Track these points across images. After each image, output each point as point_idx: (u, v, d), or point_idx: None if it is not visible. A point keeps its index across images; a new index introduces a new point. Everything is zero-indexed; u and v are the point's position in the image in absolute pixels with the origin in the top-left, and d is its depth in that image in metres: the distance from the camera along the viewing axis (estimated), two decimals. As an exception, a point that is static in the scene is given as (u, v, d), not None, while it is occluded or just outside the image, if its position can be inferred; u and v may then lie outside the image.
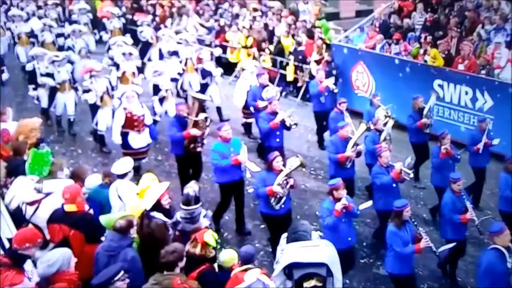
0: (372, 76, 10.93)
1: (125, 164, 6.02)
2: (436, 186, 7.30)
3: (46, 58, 9.50)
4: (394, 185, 6.46)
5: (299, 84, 11.86)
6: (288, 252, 4.64)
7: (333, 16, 16.65)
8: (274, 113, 7.62)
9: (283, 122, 7.59)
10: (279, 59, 12.16)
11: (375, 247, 6.90)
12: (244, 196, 7.11)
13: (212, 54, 10.99)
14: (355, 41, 11.87)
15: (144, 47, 12.51)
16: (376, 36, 11.37)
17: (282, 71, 12.14)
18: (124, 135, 7.86)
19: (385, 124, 7.69)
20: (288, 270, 4.50)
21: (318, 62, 11.58)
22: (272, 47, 12.59)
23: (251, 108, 9.23)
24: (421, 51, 10.53)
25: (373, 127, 7.50)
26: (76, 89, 9.55)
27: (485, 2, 11.28)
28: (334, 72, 11.01)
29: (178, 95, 10.67)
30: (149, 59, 11.83)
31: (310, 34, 12.54)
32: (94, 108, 9.02)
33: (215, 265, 4.90)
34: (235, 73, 12.82)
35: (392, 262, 5.54)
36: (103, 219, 5.06)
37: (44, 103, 9.70)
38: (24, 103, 10.71)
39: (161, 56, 11.09)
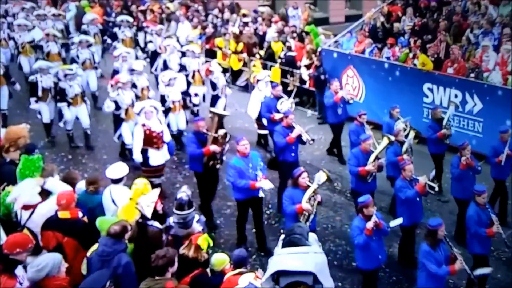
0: (362, 80, 11.01)
1: (120, 169, 5.99)
2: (456, 198, 7.16)
3: (60, 72, 9.19)
4: (417, 198, 6.32)
5: (289, 89, 11.90)
6: (276, 258, 4.63)
7: (323, 21, 16.82)
8: (290, 127, 7.43)
9: (299, 136, 7.41)
10: (269, 63, 12.21)
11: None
12: (262, 212, 6.92)
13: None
14: (344, 46, 11.97)
15: (152, 57, 12.08)
16: (365, 40, 11.48)
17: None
18: (143, 153, 7.55)
19: (406, 136, 7.56)
20: (276, 276, 4.50)
21: (308, 67, 11.66)
22: (262, 52, 12.64)
23: (264, 120, 9.05)
24: (411, 55, 10.64)
25: (387, 138, 7.30)
26: (85, 101, 9.39)
27: (471, 7, 11.45)
28: (322, 77, 11.10)
29: (184, 107, 10.13)
30: (156, 70, 11.31)
31: (300, 39, 12.62)
32: (116, 121, 8.79)
33: (208, 269, 4.89)
34: (239, 82, 12.72)
35: (424, 281, 5.34)
36: (100, 221, 5.02)
37: (46, 118, 9.39)
38: (25, 114, 10.27)
39: (165, 67, 10.67)
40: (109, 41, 13.00)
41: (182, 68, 10.49)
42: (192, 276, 4.68)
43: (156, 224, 5.14)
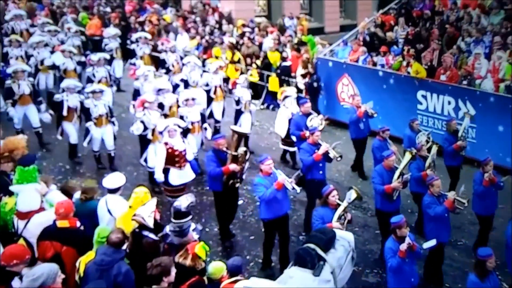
0: (357, 88, 11.03)
1: (117, 179, 5.94)
2: (478, 214, 6.94)
3: (88, 91, 8.97)
4: (446, 215, 6.13)
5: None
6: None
7: (318, 31, 16.91)
8: (316, 144, 7.17)
9: (326, 154, 7.13)
10: (266, 73, 12.25)
11: (364, 255, 6.87)
12: (289, 232, 6.66)
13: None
14: (339, 55, 12.02)
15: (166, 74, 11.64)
16: (359, 49, 11.53)
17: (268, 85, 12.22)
18: (165, 172, 7.32)
19: (429, 150, 7.31)
20: None
21: (304, 76, 11.70)
22: (259, 62, 12.69)
23: (294, 138, 8.77)
24: (404, 63, 10.68)
25: (410, 153, 6.96)
26: (113, 123, 8.94)
27: (465, 17, 11.51)
28: (315, 84, 11.12)
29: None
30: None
31: (296, 49, 12.68)
32: (143, 142, 8.38)
33: (205, 277, 4.85)
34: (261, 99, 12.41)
35: None
36: (100, 230, 4.98)
37: (73, 139, 9.06)
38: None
39: (185, 85, 10.34)
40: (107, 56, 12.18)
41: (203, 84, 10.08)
42: (189, 284, 4.64)
43: (152, 235, 5.09)
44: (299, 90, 11.72)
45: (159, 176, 7.31)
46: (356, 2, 19.81)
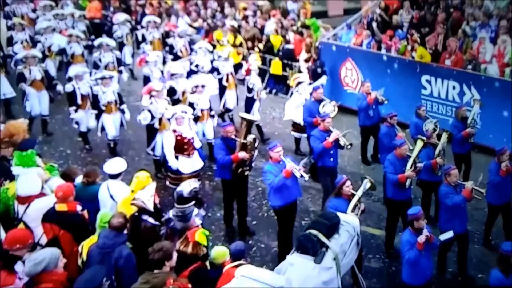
0: (361, 72, 10.90)
1: (118, 164, 5.92)
2: (491, 204, 6.71)
3: (88, 78, 8.83)
4: (463, 205, 6.02)
5: (288, 82, 11.81)
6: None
7: (321, 14, 16.66)
8: (327, 131, 7.08)
9: (337, 141, 7.02)
10: (268, 57, 12.11)
11: (367, 240, 6.81)
12: (294, 218, 6.58)
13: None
14: (343, 39, 11.86)
15: (174, 60, 11.34)
16: (363, 32, 11.37)
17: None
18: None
19: (439, 138, 7.17)
20: None
21: (307, 60, 11.55)
22: (261, 46, 12.52)
23: (302, 124, 8.66)
24: (409, 47, 10.53)
25: (421, 140, 6.82)
26: (122, 110, 8.79)
27: (467, 1, 11.33)
28: (319, 70, 10.99)
29: (221, 115, 9.77)
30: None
31: (299, 32, 12.50)
32: (150, 131, 8.17)
33: (207, 262, 4.84)
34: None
35: None
36: (102, 215, 4.97)
37: (84, 127, 8.93)
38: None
39: (192, 71, 10.01)
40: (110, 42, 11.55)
41: (214, 70, 9.83)
42: (191, 269, 4.66)
43: (151, 219, 5.07)
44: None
45: (173, 163, 7.20)
46: (359, -15, 19.49)
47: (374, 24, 11.68)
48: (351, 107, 9.84)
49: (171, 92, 8.76)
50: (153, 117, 7.95)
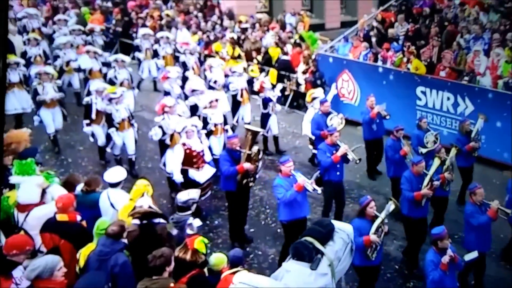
0: (357, 83, 11.03)
1: (118, 173, 5.95)
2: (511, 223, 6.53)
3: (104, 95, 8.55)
4: (488, 224, 5.93)
5: (286, 93, 11.92)
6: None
7: (319, 27, 16.87)
8: (335, 145, 7.04)
9: (344, 155, 6.98)
10: (267, 68, 12.23)
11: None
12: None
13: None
14: (340, 51, 12.00)
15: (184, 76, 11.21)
16: (361, 44, 11.51)
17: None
18: (184, 173, 7.21)
19: (447, 153, 7.07)
20: None
21: (305, 72, 11.68)
22: (260, 57, 12.66)
23: (312, 137, 8.65)
24: (404, 59, 10.67)
25: (439, 158, 6.76)
26: (133, 125, 8.62)
27: (460, 15, 11.50)
28: (318, 81, 11.10)
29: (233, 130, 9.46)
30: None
31: (297, 45, 12.65)
32: (162, 146, 7.96)
33: (205, 269, 4.87)
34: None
35: None
36: (99, 223, 4.99)
37: (101, 141, 8.68)
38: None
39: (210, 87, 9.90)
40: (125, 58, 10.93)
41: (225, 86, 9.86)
42: (190, 276, 4.67)
43: (162, 220, 5.09)
44: (299, 85, 11.73)
45: (178, 177, 7.15)
46: (357, -1, 19.76)
47: (373, 38, 11.81)
48: (348, 117, 9.91)
49: (194, 108, 8.80)
50: (164, 133, 7.81)
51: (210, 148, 8.07)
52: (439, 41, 10.73)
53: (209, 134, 8.17)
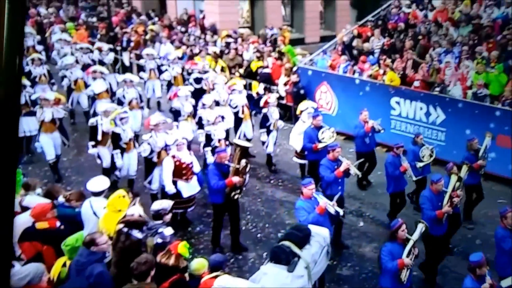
0: (335, 95, 11.26)
1: (101, 182, 5.99)
2: None
3: (116, 117, 8.23)
4: None
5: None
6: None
7: (299, 41, 17.16)
8: (336, 160, 7.05)
9: (346, 170, 7.03)
10: (248, 81, 12.39)
11: (339, 249, 6.99)
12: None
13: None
14: (319, 64, 12.24)
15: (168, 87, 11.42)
16: (341, 57, 11.78)
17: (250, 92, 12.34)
18: (173, 184, 7.22)
19: (459, 170, 6.97)
20: None
21: (286, 84, 11.88)
22: (242, 70, 12.84)
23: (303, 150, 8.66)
24: (380, 71, 10.95)
25: (455, 175, 6.66)
26: (135, 145, 8.43)
27: (433, 29, 11.87)
28: (301, 92, 11.29)
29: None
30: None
31: (278, 58, 12.87)
32: (149, 165, 7.88)
33: (186, 274, 4.91)
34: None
35: None
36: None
37: (106, 163, 8.44)
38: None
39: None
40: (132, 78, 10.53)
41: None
42: (171, 281, 4.69)
43: (138, 234, 5.13)
44: (281, 97, 11.91)
45: (170, 188, 7.16)
46: (335, 14, 20.18)
47: (355, 51, 12.08)
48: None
49: (199, 122, 8.90)
50: (152, 151, 7.75)
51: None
52: (412, 54, 11.03)
53: (213, 150, 8.15)
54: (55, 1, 19.45)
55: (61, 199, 5.85)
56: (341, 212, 6.08)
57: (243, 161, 6.84)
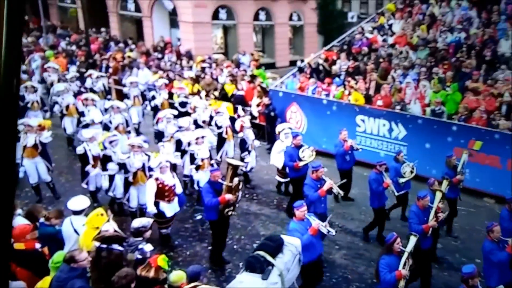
0: (304, 114, 11.63)
1: (81, 201, 6.03)
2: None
3: (106, 140, 8.35)
4: (508, 259, 5.87)
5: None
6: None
7: (270, 66, 17.64)
8: (320, 180, 7.18)
9: (330, 190, 7.17)
10: (223, 103, 12.63)
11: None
12: (322, 276, 6.59)
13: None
14: (289, 86, 12.64)
15: (154, 112, 11.39)
16: (309, 80, 12.21)
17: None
18: (155, 205, 7.28)
19: (440, 184, 7.15)
20: None
21: (258, 105, 12.19)
22: (217, 93, 13.11)
23: (287, 169, 8.85)
24: (346, 92, 11.39)
25: (440, 191, 6.74)
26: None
27: (393, 53, 12.47)
28: (272, 113, 11.60)
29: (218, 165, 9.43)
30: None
31: (251, 81, 13.22)
32: (125, 184, 7.97)
33: (166, 286, 4.98)
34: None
35: None
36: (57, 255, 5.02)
37: (93, 186, 8.56)
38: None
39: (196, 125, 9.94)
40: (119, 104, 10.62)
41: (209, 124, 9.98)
42: (151, 292, 4.76)
43: (119, 247, 5.20)
44: (254, 117, 12.21)
45: (152, 209, 7.23)
46: (303, 40, 20.87)
47: (321, 74, 12.54)
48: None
49: (179, 143, 9.05)
50: (127, 171, 7.85)
51: (197, 182, 8.35)
52: (375, 75, 11.54)
53: (197, 168, 8.41)
54: (35, 31, 19.42)
55: (41, 219, 5.87)
56: (333, 232, 6.15)
57: (236, 179, 6.93)
